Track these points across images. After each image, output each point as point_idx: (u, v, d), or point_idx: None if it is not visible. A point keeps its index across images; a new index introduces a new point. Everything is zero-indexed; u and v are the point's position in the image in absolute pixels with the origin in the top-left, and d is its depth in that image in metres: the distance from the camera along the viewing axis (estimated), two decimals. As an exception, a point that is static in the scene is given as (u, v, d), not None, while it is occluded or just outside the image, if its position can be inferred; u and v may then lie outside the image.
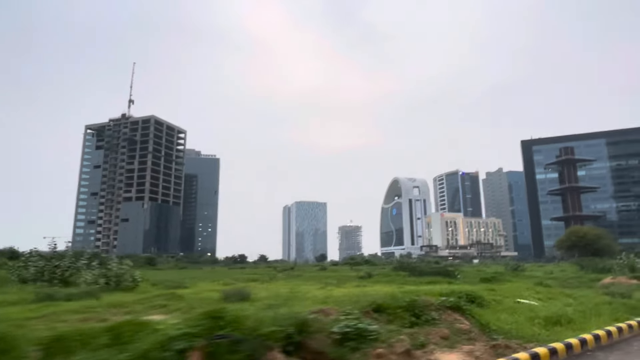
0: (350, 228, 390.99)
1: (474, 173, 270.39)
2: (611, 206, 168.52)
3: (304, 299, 10.91)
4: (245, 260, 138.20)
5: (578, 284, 18.64)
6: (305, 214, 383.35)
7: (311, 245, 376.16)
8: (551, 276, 23.82)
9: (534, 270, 35.29)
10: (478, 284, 14.97)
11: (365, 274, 25.31)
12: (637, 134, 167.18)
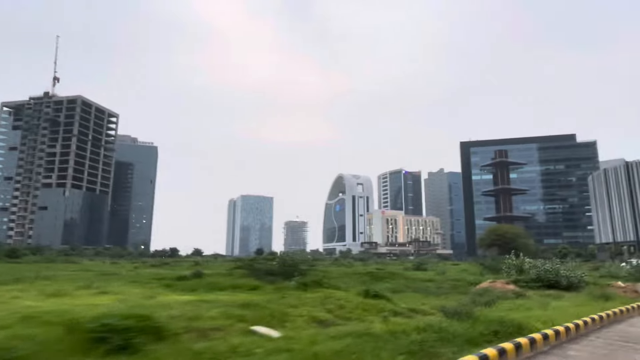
0: (296, 223, 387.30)
1: (416, 172, 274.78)
2: (539, 208, 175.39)
3: None
4: (176, 254, 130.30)
5: (449, 289, 15.21)
6: (251, 208, 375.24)
7: (256, 240, 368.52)
8: (437, 277, 20.70)
9: (438, 268, 32.50)
10: (289, 290, 10.77)
11: (192, 274, 19.62)
12: (564, 140, 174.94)
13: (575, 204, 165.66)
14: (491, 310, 10.18)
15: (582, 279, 16.17)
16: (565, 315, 9.40)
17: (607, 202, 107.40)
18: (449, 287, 15.95)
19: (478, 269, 29.42)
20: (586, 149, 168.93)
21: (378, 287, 14.83)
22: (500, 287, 14.25)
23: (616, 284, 18.84)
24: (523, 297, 13.01)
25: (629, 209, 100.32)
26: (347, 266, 38.42)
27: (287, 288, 11.52)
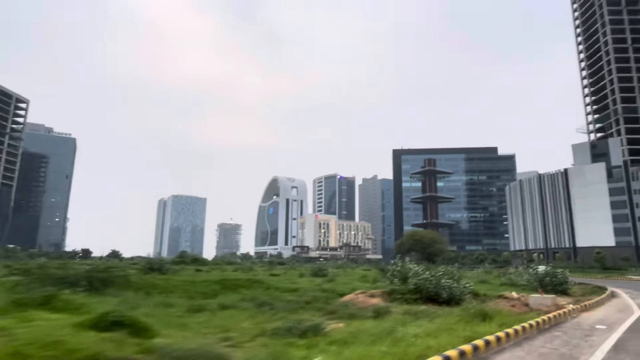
0: (229, 226, 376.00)
1: (351, 178, 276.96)
2: (462, 216, 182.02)
3: None
4: (89, 255, 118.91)
5: (307, 302, 11.91)
6: (182, 208, 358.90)
7: (187, 242, 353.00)
8: (309, 285, 17.58)
9: (336, 273, 29.61)
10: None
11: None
12: (487, 152, 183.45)
13: (495, 212, 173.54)
14: (308, 342, 6.73)
15: (465, 291, 13.48)
16: (405, 355, 6.14)
17: (521, 211, 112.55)
18: (311, 298, 12.63)
19: (377, 275, 26.67)
20: (506, 162, 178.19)
21: (221, 300, 11.08)
22: (362, 300, 11.09)
23: (509, 295, 16.56)
24: (383, 315, 9.86)
25: (539, 218, 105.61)
26: (244, 270, 34.40)
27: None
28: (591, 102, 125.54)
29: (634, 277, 46.39)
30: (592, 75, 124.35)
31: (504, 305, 13.38)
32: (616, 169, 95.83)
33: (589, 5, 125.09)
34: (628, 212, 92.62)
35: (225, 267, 43.44)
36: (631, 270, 53.56)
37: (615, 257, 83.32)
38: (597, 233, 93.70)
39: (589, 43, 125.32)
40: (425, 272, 13.53)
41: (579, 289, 25.30)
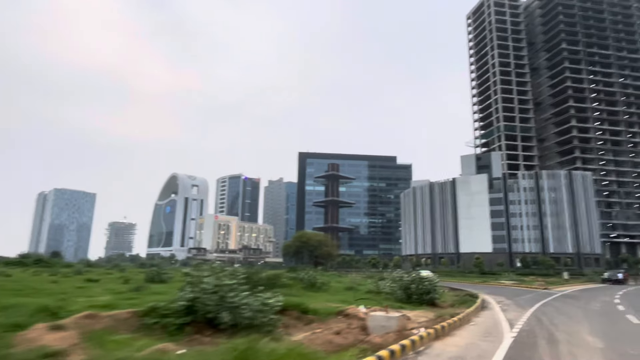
0: (122, 225, 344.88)
1: (256, 179, 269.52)
2: (362, 221, 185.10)
3: None
4: None
5: None
6: (66, 204, 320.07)
7: (72, 241, 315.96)
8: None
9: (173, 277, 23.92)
10: None
11: None
12: (387, 161, 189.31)
13: (392, 219, 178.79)
14: None
15: (269, 309, 8.56)
16: None
17: (413, 217, 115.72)
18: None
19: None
20: (404, 170, 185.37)
21: None
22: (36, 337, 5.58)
23: (354, 311, 12.14)
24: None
25: (429, 224, 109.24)
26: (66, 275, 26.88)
27: None
28: (479, 119, 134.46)
29: (506, 282, 46.99)
30: (481, 94, 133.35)
31: (337, 325, 8.85)
32: (496, 180, 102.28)
33: (482, 37, 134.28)
34: (504, 220, 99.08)
35: (62, 270, 34.85)
36: (504, 275, 55.36)
37: (492, 262, 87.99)
38: (478, 240, 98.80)
39: (480, 67, 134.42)
40: (210, 278, 8.39)
41: (450, 297, 22.44)
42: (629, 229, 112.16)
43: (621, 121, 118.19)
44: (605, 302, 22.50)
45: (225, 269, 9.32)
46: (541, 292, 31.01)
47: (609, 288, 40.89)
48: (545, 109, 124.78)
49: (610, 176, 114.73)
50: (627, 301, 23.23)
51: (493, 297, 25.38)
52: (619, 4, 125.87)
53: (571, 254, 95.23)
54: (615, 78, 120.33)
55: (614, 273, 52.47)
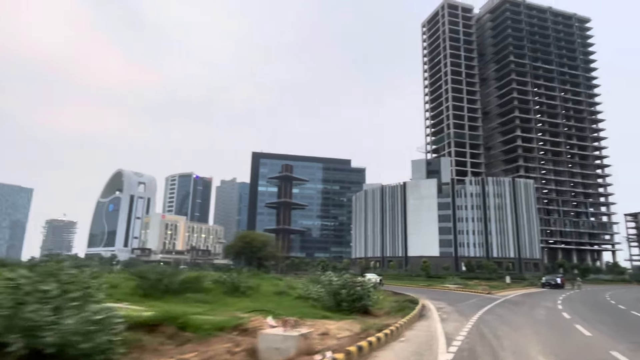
0: (62, 223, 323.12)
1: (208, 178, 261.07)
2: (314, 223, 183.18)
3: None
4: None
5: None
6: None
7: (3, 239, 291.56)
8: None
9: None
10: None
11: None
12: (341, 164, 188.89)
13: (344, 222, 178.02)
14: None
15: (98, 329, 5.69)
16: None
17: (364, 220, 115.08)
18: None
19: (131, 284, 17.93)
20: (358, 174, 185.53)
21: None
22: None
23: (254, 324, 9.43)
24: None
25: (379, 227, 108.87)
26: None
27: None
28: (431, 126, 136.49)
29: (451, 286, 46.13)
30: (433, 102, 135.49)
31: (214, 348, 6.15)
32: (445, 185, 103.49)
33: (435, 46, 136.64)
34: (451, 225, 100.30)
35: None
36: (449, 279, 54.85)
37: (439, 266, 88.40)
38: (425, 243, 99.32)
39: (433, 74, 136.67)
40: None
41: (389, 303, 20.30)
42: (565, 235, 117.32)
43: (561, 133, 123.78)
44: (550, 309, 21.26)
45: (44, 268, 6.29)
46: (484, 297, 29.80)
47: (549, 292, 40.81)
48: (492, 118, 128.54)
49: (549, 185, 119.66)
50: (571, 308, 22.15)
51: (435, 302, 23.61)
52: (562, 23, 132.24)
53: (513, 259, 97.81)
54: (557, 92, 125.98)
55: (552, 277, 53.26)
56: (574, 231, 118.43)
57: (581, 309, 21.79)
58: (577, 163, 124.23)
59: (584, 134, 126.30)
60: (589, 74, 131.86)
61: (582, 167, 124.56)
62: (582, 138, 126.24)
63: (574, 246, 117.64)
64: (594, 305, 25.38)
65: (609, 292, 46.68)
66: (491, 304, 23.54)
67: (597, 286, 67.62)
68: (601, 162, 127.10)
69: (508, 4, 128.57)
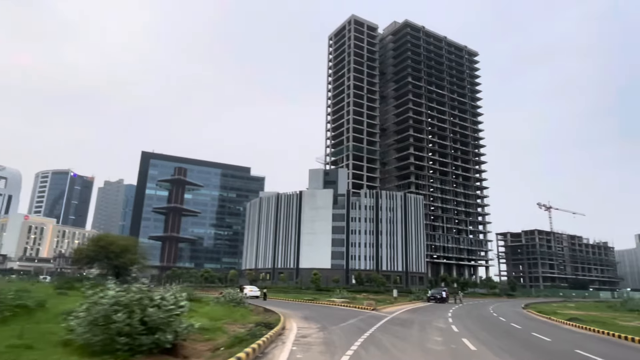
0: None
1: (89, 178, 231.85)
2: (207, 232, 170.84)
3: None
4: None
5: None
6: None
7: None
8: None
9: None
10: None
11: None
12: (240, 171, 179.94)
13: (239, 231, 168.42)
14: None
15: None
16: None
17: (257, 229, 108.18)
18: None
19: None
20: (257, 182, 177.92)
21: None
22: None
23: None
24: None
25: (272, 237, 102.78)
26: None
27: None
28: (331, 137, 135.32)
29: (337, 300, 41.45)
30: (335, 114, 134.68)
31: None
32: (340, 197, 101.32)
33: (340, 59, 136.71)
34: (344, 237, 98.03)
35: None
36: (337, 292, 50.39)
37: (329, 278, 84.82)
38: (318, 255, 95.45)
39: (336, 87, 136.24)
40: None
41: (239, 327, 13.92)
42: (447, 251, 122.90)
43: (449, 154, 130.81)
44: (445, 332, 16.77)
45: None
46: (368, 315, 24.97)
47: (436, 308, 38.14)
48: (389, 135, 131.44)
49: (436, 202, 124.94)
50: (468, 330, 17.96)
51: (305, 324, 17.87)
52: (454, 53, 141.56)
53: (401, 272, 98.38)
54: (447, 116, 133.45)
55: (437, 291, 51.84)
56: (455, 247, 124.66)
57: (481, 334, 17.66)
58: (460, 183, 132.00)
59: (467, 157, 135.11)
60: (474, 102, 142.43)
61: (465, 187, 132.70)
62: (465, 161, 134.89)
63: (454, 261, 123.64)
64: (491, 326, 21.79)
65: (491, 307, 46.18)
66: (375, 325, 18.47)
67: (475, 299, 69.05)
68: (480, 185, 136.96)
69: (409, 28, 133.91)
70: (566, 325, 23.53)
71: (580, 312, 35.48)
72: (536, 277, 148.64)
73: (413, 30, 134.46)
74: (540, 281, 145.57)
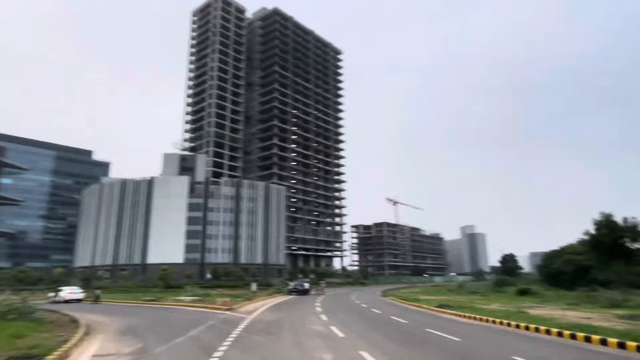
0: None
1: None
2: (33, 225, 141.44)
3: None
4: None
5: None
6: None
7: None
8: None
9: None
10: None
11: None
12: (80, 154, 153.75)
13: (75, 224, 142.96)
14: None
15: None
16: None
17: (95, 221, 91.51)
18: None
19: None
20: (100, 168, 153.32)
21: None
22: None
23: None
24: None
25: (114, 229, 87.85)
26: None
27: None
28: (191, 121, 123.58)
29: (186, 299, 34.25)
30: (196, 96, 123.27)
31: None
32: (199, 185, 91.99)
33: (205, 38, 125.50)
34: (201, 228, 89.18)
35: None
36: (188, 289, 42.62)
37: (182, 274, 75.51)
38: (170, 249, 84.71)
39: (199, 67, 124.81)
40: None
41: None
42: (306, 242, 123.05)
43: (311, 147, 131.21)
44: (328, 339, 11.87)
45: None
46: (222, 319, 19.02)
47: (301, 301, 34.12)
48: (254, 124, 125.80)
49: (298, 194, 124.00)
50: (356, 333, 13.43)
51: (119, 342, 11.22)
52: (321, 48, 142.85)
53: (260, 265, 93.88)
54: (311, 109, 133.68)
55: (299, 283, 48.32)
56: (313, 238, 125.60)
57: (369, 333, 13.32)
58: (322, 176, 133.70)
59: (329, 151, 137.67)
60: (337, 99, 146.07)
61: (326, 180, 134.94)
62: (327, 154, 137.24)
63: (312, 252, 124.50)
64: (378, 324, 17.95)
65: (353, 296, 44.65)
66: (229, 336, 12.71)
67: (335, 289, 68.38)
68: (339, 178, 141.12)
69: (279, 16, 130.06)
70: (446, 315, 21.33)
71: (445, 298, 35.47)
72: (382, 265, 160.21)
73: (282, 19, 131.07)
74: (385, 269, 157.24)
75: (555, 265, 54.99)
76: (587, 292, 30.01)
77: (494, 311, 20.49)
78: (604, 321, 15.12)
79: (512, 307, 23.24)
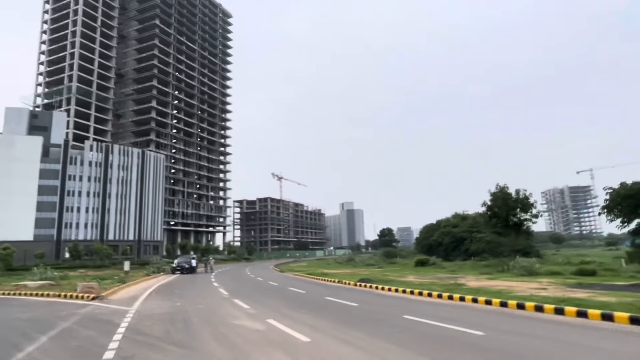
0: None
1: None
2: None
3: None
4: None
5: None
6: None
7: None
8: None
9: None
10: None
11: None
12: None
13: None
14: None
15: None
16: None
17: None
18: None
19: None
20: None
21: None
22: None
23: None
24: None
25: None
26: None
27: None
28: (46, 74, 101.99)
29: (31, 285, 25.64)
30: (53, 43, 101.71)
31: None
32: (55, 148, 75.95)
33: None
34: (57, 199, 74.14)
35: None
36: (36, 272, 32.52)
37: (31, 253, 61.49)
38: (14, 223, 68.55)
39: (59, 9, 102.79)
40: None
41: None
42: (186, 217, 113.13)
43: (195, 115, 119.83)
44: (288, 346, 7.31)
45: None
46: (86, 315, 12.74)
47: (191, 281, 28.45)
48: (127, 83, 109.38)
49: (178, 165, 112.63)
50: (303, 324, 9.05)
51: None
52: (209, 8, 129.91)
53: (132, 242, 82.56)
54: (196, 74, 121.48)
55: (185, 260, 41.71)
56: (195, 213, 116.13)
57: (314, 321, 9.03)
58: (205, 147, 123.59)
59: (214, 121, 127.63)
60: (225, 65, 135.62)
61: (209, 151, 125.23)
62: (212, 124, 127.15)
63: (193, 228, 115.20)
64: (304, 303, 13.72)
65: (246, 271, 40.24)
66: (102, 356, 7.18)
67: (220, 265, 62.85)
68: (224, 150, 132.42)
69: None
70: (391, 292, 18.20)
71: (350, 271, 33.19)
72: (266, 241, 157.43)
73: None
74: (269, 245, 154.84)
75: (434, 237, 58.05)
76: (498, 261, 30.46)
77: (432, 284, 18.12)
78: (571, 293, 13.38)
79: (437, 279, 21.41)
